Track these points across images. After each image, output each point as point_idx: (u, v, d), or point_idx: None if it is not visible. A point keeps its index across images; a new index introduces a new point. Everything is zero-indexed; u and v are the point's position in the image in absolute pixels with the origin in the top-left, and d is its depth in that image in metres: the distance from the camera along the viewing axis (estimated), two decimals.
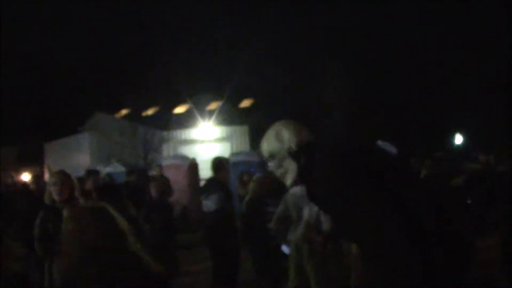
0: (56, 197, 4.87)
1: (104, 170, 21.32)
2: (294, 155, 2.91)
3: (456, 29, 42.95)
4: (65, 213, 2.78)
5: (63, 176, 5.03)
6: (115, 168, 21.45)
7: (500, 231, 7.46)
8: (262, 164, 19.55)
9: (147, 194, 13.55)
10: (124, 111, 37.59)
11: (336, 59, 34.23)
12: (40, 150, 41.51)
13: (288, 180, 2.98)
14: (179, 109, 37.73)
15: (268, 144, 3.05)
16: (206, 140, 29.72)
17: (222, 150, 28.11)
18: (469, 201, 8.71)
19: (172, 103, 35.85)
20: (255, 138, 29.48)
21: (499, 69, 35.27)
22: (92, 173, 8.08)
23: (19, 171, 42.99)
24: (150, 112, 34.03)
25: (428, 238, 2.42)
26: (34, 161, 42.61)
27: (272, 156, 3.00)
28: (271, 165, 3.02)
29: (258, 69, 36.75)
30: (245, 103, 37.97)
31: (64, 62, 48.90)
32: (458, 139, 40.69)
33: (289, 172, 2.98)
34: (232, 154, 21.26)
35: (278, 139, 3.00)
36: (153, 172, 13.68)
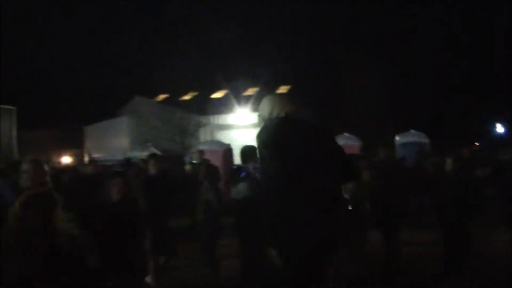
0: (26, 183, 4.92)
1: (141, 154, 21.70)
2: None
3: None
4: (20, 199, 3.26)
5: (35, 164, 5.13)
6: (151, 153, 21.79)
7: None
8: None
9: (183, 179, 13.82)
10: (162, 96, 37.93)
11: (373, 50, 34.03)
12: (80, 133, 42.17)
13: None
14: (217, 95, 37.98)
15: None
16: (242, 126, 29.78)
17: None
18: (488, 192, 8.59)
19: (209, 89, 36.03)
20: None
21: None
22: (153, 156, 8.27)
23: (59, 153, 43.89)
24: (188, 97, 34.22)
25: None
26: (74, 144, 43.38)
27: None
28: None
29: (295, 56, 36.70)
30: (282, 90, 37.98)
31: (105, 47, 49.61)
32: (499, 128, 40.06)
33: None
34: None
35: (259, 109, 3.90)
36: (195, 158, 13.69)
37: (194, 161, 14.31)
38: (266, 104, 3.78)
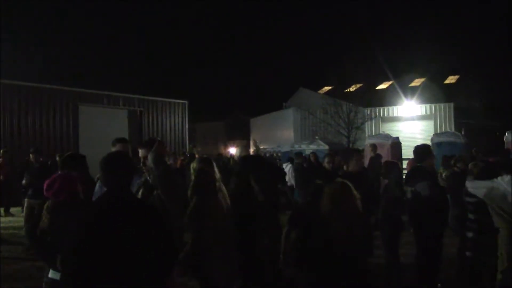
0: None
1: (308, 147, 22.18)
2: None
3: None
4: None
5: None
6: (318, 146, 22.20)
7: None
8: (466, 145, 18.92)
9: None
10: (327, 88, 38.17)
11: None
12: (246, 125, 43.87)
13: None
14: (382, 86, 37.50)
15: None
16: (409, 118, 29.00)
17: (425, 128, 27.33)
18: None
19: (375, 80, 35.59)
20: (460, 116, 28.32)
21: None
22: (355, 151, 8.36)
23: (226, 144, 46.31)
24: (352, 89, 34.07)
25: None
26: (241, 135, 45.35)
27: None
28: None
29: (463, 44, 35.20)
30: (450, 80, 36.65)
31: (270, 42, 51.11)
32: None
33: None
34: (435, 134, 20.70)
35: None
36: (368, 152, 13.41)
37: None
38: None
